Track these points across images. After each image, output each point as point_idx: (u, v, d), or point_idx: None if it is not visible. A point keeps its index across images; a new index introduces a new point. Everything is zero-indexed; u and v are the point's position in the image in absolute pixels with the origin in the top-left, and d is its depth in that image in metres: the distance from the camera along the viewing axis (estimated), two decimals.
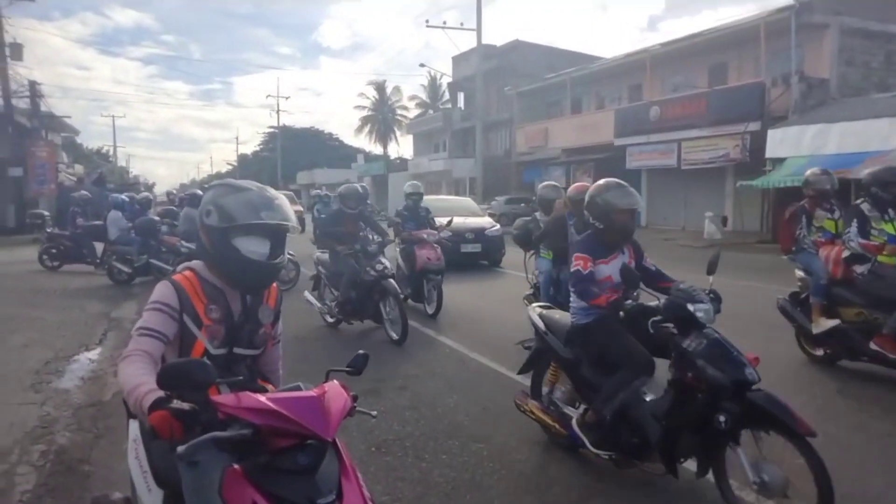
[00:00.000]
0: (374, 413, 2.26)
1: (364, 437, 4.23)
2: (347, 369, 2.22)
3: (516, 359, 6.13)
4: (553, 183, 7.69)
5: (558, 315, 4.08)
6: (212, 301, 2.21)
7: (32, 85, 26.09)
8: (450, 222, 9.41)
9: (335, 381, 2.02)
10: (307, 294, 8.25)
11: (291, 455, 1.78)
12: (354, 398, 2.01)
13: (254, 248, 2.18)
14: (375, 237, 7.76)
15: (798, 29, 18.02)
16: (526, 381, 5.11)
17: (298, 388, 1.99)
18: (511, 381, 5.46)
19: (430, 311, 8.38)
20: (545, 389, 4.25)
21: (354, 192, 7.87)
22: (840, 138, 15.57)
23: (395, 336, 6.91)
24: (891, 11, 18.91)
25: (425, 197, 9.76)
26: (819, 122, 16.46)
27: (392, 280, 7.16)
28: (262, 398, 1.78)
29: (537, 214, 7.07)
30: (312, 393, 1.86)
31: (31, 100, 26.11)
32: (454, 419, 4.62)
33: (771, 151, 17.38)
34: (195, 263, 2.29)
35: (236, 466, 1.69)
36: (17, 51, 24.43)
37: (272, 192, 2.27)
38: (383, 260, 7.27)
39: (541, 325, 4.07)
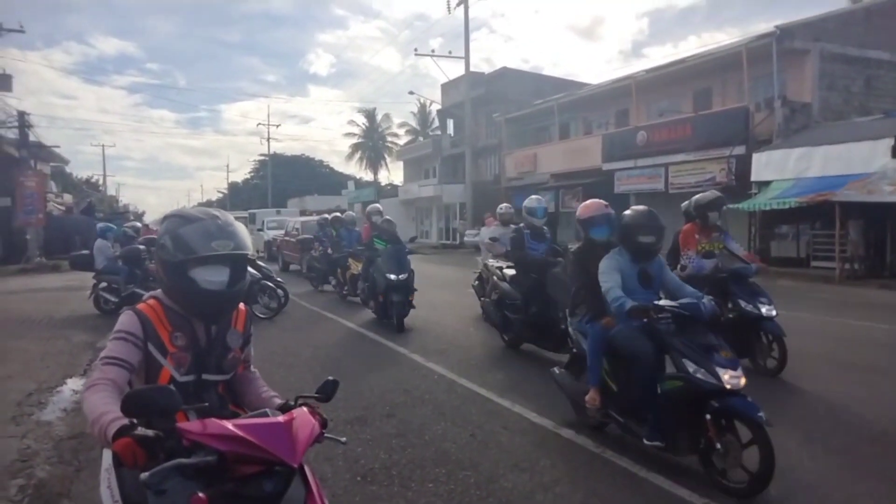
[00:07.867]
0: (344, 440, 2.23)
1: (349, 466, 4.17)
2: (316, 396, 2.19)
3: (505, 384, 6.15)
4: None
5: None
6: (177, 328, 2.18)
7: (21, 115, 26.00)
8: None
9: (304, 407, 2.00)
10: None
11: (257, 482, 1.76)
12: (323, 424, 1.98)
13: (211, 277, 2.14)
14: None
15: (779, 55, 18.37)
16: (505, 403, 5.03)
17: (265, 415, 1.97)
18: (499, 407, 5.42)
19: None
20: None
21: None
22: (823, 161, 15.79)
23: None
24: (868, 37, 19.36)
25: None
26: (802, 145, 16.69)
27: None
28: (228, 424, 1.75)
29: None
30: (279, 419, 1.83)
31: (20, 130, 25.99)
32: (441, 446, 4.57)
33: (756, 175, 17.59)
34: (159, 292, 2.27)
35: (201, 494, 1.67)
36: (5, 81, 24.55)
37: (226, 218, 2.22)
38: None
39: None
